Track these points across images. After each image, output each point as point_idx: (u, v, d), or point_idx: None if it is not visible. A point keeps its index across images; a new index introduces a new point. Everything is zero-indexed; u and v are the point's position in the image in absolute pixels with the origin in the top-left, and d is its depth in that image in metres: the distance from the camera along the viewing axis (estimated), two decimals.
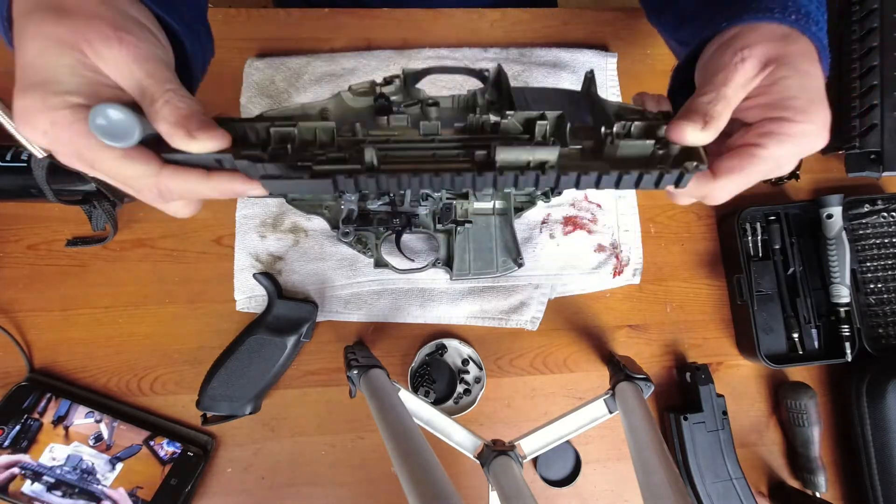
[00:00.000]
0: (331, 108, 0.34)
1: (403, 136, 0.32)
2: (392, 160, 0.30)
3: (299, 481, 0.52)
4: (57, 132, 0.26)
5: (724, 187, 0.32)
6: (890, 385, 0.51)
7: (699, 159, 0.30)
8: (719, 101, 0.30)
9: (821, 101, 0.32)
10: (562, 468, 0.54)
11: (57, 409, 0.48)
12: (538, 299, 0.54)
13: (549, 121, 0.31)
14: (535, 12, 0.60)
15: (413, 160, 0.30)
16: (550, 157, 0.29)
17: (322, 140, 0.30)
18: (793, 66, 0.31)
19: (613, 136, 0.30)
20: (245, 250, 0.53)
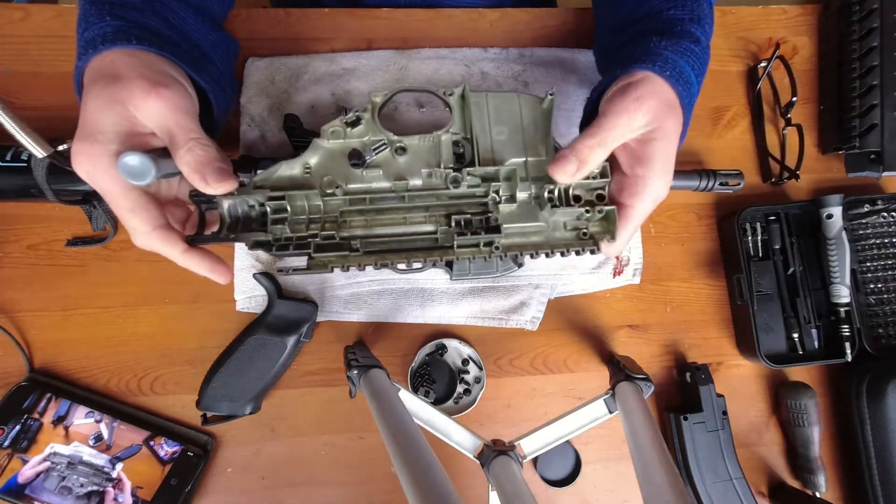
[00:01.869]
0: (312, 161, 0.39)
1: (378, 190, 0.39)
2: (374, 243, 0.38)
3: (299, 481, 0.52)
4: (95, 173, 0.34)
5: (618, 246, 0.39)
6: (890, 385, 0.51)
7: (611, 231, 0.39)
8: (599, 145, 0.36)
9: (670, 167, 0.38)
10: (562, 468, 0.54)
11: (57, 409, 0.48)
12: (538, 299, 0.54)
13: (501, 179, 0.39)
14: (535, 12, 0.60)
15: (391, 240, 0.38)
16: (497, 239, 0.38)
17: (311, 206, 0.38)
18: (665, 131, 0.37)
19: (554, 202, 0.39)
20: (245, 250, 0.53)
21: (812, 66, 0.62)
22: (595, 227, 0.39)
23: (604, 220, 0.39)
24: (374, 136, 0.40)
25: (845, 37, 0.58)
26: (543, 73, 0.57)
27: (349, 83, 0.55)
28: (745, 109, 0.61)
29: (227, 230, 0.37)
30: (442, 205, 0.39)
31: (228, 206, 0.37)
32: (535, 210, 0.39)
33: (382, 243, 0.38)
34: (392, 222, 0.39)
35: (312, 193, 0.37)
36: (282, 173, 0.39)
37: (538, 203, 0.39)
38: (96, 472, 0.47)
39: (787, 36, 0.63)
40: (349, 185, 0.39)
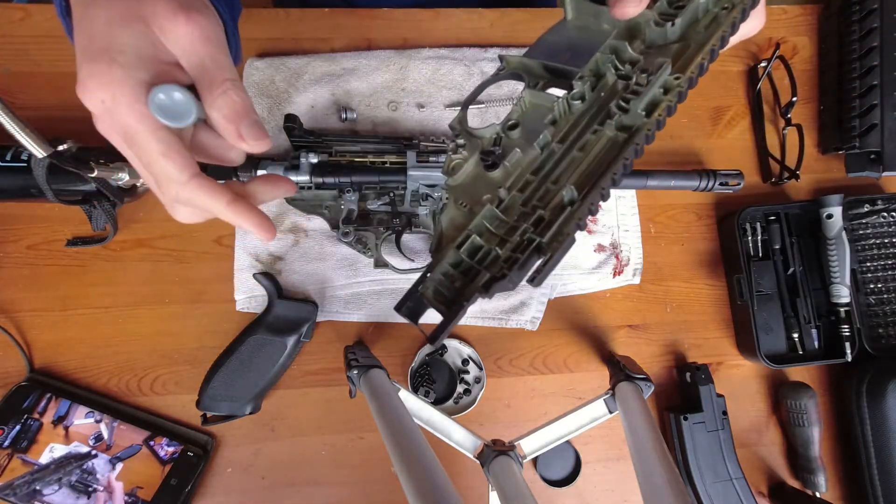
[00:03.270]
0: (459, 199, 0.32)
1: (529, 166, 0.30)
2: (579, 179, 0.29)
3: (299, 481, 0.52)
4: (115, 106, 0.27)
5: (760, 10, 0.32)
6: (890, 385, 0.51)
7: None
8: None
9: None
10: (562, 468, 0.54)
11: (57, 409, 0.48)
12: (538, 299, 0.54)
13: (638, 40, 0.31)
14: (534, 12, 0.60)
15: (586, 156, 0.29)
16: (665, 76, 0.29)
17: (495, 226, 0.30)
18: None
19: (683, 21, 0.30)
20: (245, 250, 0.53)
21: (812, 66, 0.62)
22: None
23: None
24: (483, 139, 0.32)
25: (845, 37, 0.58)
26: None
27: (349, 83, 0.55)
28: (745, 109, 0.61)
29: (441, 304, 0.30)
30: (597, 109, 0.30)
31: (433, 288, 0.31)
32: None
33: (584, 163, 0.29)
34: (572, 163, 0.29)
35: (491, 212, 0.29)
36: (447, 230, 0.31)
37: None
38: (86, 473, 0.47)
39: (787, 36, 0.63)
40: (508, 183, 0.30)
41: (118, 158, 0.46)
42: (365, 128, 0.56)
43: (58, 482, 0.47)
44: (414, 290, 0.30)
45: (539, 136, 0.30)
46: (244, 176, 0.48)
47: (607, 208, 0.56)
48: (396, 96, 0.56)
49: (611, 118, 0.29)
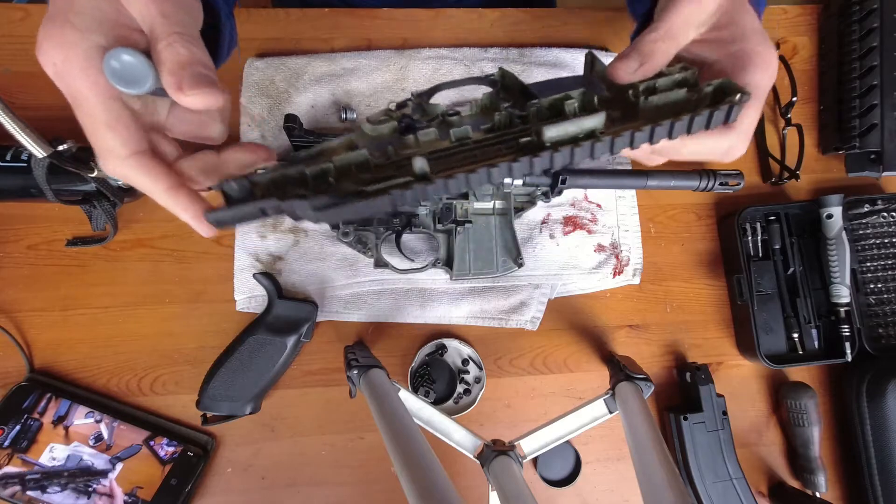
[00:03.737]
0: (358, 142, 0.32)
1: (436, 147, 0.30)
2: (440, 166, 0.29)
3: (299, 481, 0.52)
4: (67, 69, 0.26)
5: (744, 134, 0.32)
6: (890, 385, 0.51)
7: (740, 90, 0.28)
8: (662, 39, 0.30)
9: (767, 39, 0.32)
10: (562, 468, 0.54)
11: (57, 409, 0.48)
12: (538, 299, 0.54)
13: (575, 98, 0.30)
14: (534, 12, 0.60)
15: (460, 162, 0.29)
16: (597, 123, 0.28)
17: (358, 167, 0.29)
18: (742, 9, 0.32)
19: (642, 94, 0.30)
20: (245, 250, 0.53)
21: (812, 66, 0.62)
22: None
23: (716, 97, 0.29)
24: (423, 116, 0.33)
25: (845, 37, 0.58)
26: (543, 73, 0.57)
27: (349, 83, 0.55)
28: None
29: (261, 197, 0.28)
30: (514, 132, 0.31)
31: (263, 185, 0.29)
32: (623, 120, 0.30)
33: (450, 155, 0.29)
34: (456, 156, 0.30)
35: (361, 155, 0.29)
36: (323, 147, 0.32)
37: (623, 117, 0.30)
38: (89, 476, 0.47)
39: (787, 36, 0.63)
40: (402, 152, 0.31)
41: None
42: None
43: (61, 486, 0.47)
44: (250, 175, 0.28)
45: (461, 129, 0.30)
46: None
47: (607, 208, 0.56)
48: (396, 96, 0.56)
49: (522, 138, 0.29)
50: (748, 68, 0.31)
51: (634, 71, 0.30)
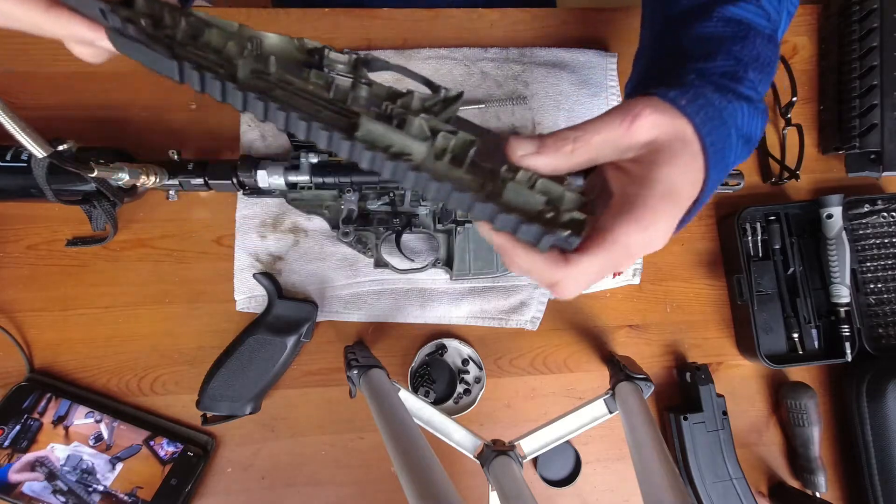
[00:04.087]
0: (266, 40, 0.31)
1: (313, 90, 0.29)
2: (265, 89, 0.27)
3: (299, 481, 0.52)
4: None
5: (573, 275, 0.27)
6: (890, 385, 0.51)
7: (576, 233, 0.26)
8: (573, 142, 0.27)
9: (677, 203, 0.28)
10: (562, 468, 0.54)
11: (57, 409, 0.48)
12: (538, 299, 0.54)
13: (455, 139, 0.28)
14: (534, 12, 0.60)
15: (286, 101, 0.28)
16: (417, 151, 0.26)
17: (229, 50, 0.29)
18: (673, 157, 0.28)
19: (508, 178, 0.27)
20: (245, 250, 0.53)
21: (812, 66, 0.62)
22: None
23: (567, 227, 0.27)
24: (348, 71, 0.31)
25: (845, 37, 0.58)
26: (543, 73, 0.57)
27: None
28: None
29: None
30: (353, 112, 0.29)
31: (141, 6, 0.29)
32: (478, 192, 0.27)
33: (275, 97, 0.28)
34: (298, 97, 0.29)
35: (234, 33, 0.29)
36: (229, 25, 0.30)
37: (482, 186, 0.27)
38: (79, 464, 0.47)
39: (786, 36, 0.62)
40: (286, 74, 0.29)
41: (118, 158, 0.46)
42: None
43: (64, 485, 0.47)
44: None
45: None
46: (244, 176, 0.48)
47: None
48: None
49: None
50: (621, 219, 0.27)
51: (524, 155, 0.28)
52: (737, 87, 0.31)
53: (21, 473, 0.46)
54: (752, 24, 0.34)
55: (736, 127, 0.30)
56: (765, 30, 0.34)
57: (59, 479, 0.47)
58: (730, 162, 0.30)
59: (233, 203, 0.54)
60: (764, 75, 0.33)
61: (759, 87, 0.32)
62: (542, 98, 0.57)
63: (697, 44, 0.34)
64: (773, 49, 0.34)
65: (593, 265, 0.27)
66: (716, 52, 0.32)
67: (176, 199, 0.53)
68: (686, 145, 0.28)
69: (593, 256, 0.27)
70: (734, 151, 0.30)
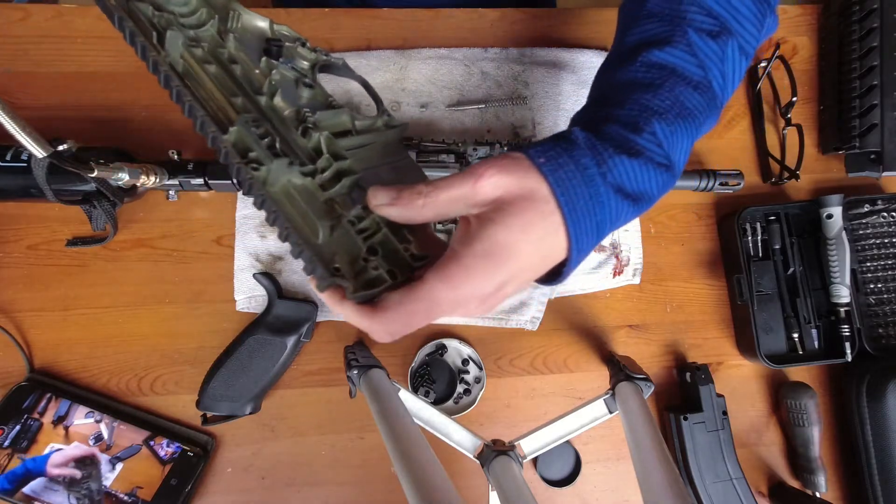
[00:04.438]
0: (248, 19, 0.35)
1: (252, 74, 0.33)
2: (193, 76, 0.31)
3: (299, 481, 0.52)
4: None
5: (380, 323, 0.28)
6: (890, 385, 0.51)
7: (368, 288, 0.28)
8: (424, 198, 0.28)
9: (498, 267, 0.27)
10: (562, 468, 0.54)
11: (57, 409, 0.48)
12: (538, 299, 0.54)
13: (336, 166, 0.31)
14: (535, 12, 0.60)
15: (196, 81, 0.31)
16: (272, 168, 0.29)
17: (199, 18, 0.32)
18: (512, 218, 0.27)
19: (347, 220, 0.30)
20: (245, 250, 0.53)
21: (812, 66, 0.62)
22: (354, 282, 0.29)
23: (372, 282, 0.29)
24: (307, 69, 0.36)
25: (845, 37, 0.58)
26: (543, 73, 0.57)
27: (349, 83, 0.55)
28: (745, 109, 0.61)
29: None
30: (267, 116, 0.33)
31: None
32: (322, 213, 0.30)
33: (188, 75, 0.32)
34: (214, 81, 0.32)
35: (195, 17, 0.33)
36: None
37: (328, 211, 0.31)
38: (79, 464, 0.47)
39: (787, 36, 0.63)
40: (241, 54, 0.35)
41: (118, 158, 0.46)
42: None
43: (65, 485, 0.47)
44: None
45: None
46: None
47: None
48: (397, 96, 0.56)
49: None
50: (435, 272, 0.27)
51: (379, 205, 0.29)
52: (632, 138, 0.29)
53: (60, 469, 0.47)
54: (676, 69, 0.32)
55: (613, 185, 0.29)
56: (693, 76, 0.32)
57: (59, 479, 0.47)
58: (604, 221, 0.29)
59: (233, 203, 0.54)
60: (683, 125, 0.31)
61: (669, 139, 0.30)
62: (542, 98, 0.57)
63: (613, 90, 0.33)
64: (701, 98, 0.32)
65: (399, 316, 0.27)
66: (625, 99, 0.31)
67: (176, 199, 0.53)
68: (534, 204, 0.27)
69: (399, 307, 0.27)
70: (609, 211, 0.29)
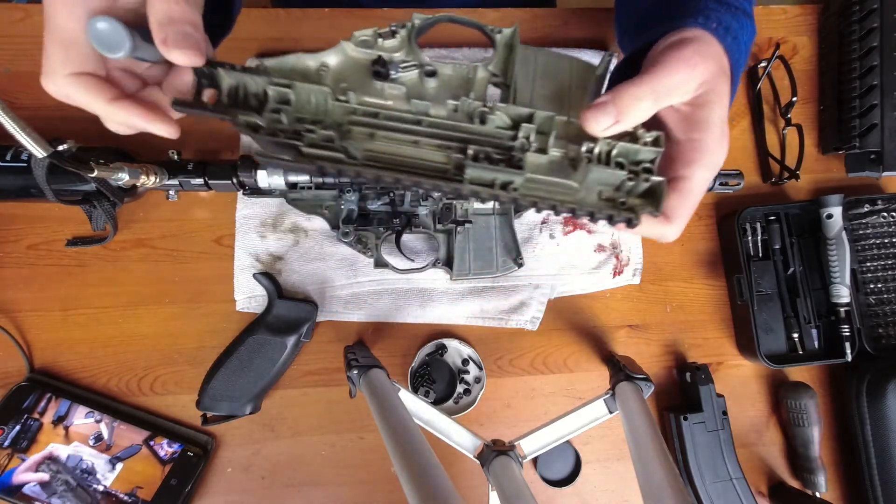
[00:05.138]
0: (331, 62, 0.35)
1: (394, 108, 0.33)
2: (375, 157, 0.32)
3: (299, 481, 0.52)
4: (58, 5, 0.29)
5: (677, 226, 0.33)
6: (890, 385, 0.51)
7: (655, 205, 0.31)
8: (647, 97, 0.30)
9: (727, 133, 0.34)
10: (562, 468, 0.54)
11: (57, 409, 0.48)
12: (538, 299, 0.54)
13: (535, 125, 0.32)
14: (535, 12, 0.60)
15: (394, 160, 0.32)
16: (516, 179, 0.31)
17: (317, 105, 0.32)
18: (720, 94, 0.32)
19: (591, 159, 0.31)
20: (245, 250, 0.53)
21: (812, 66, 0.62)
22: (635, 201, 0.32)
23: (647, 193, 0.32)
24: (406, 55, 0.35)
25: (845, 37, 0.58)
26: None
27: None
28: (745, 109, 0.61)
29: (218, 105, 0.32)
30: (461, 138, 0.33)
31: (229, 84, 0.32)
32: (568, 170, 0.32)
33: (384, 160, 0.32)
34: (400, 143, 0.33)
35: (323, 91, 0.32)
36: (296, 64, 0.34)
37: (572, 164, 0.33)
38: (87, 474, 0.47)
39: (787, 36, 0.63)
40: (364, 98, 0.33)
41: (118, 158, 0.46)
42: None
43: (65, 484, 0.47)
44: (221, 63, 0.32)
45: (423, 105, 0.33)
46: (244, 176, 0.48)
47: None
48: None
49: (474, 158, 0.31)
50: (696, 165, 0.32)
51: (608, 128, 0.30)
52: (741, 3, 0.35)
53: (27, 474, 0.46)
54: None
55: (745, 43, 0.35)
56: None
57: (59, 479, 0.47)
58: (738, 78, 0.36)
59: (233, 203, 0.54)
60: None
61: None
62: None
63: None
64: None
65: (685, 212, 0.33)
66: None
67: (176, 199, 0.53)
68: (725, 77, 0.33)
69: (682, 209, 0.33)
70: (742, 67, 0.36)
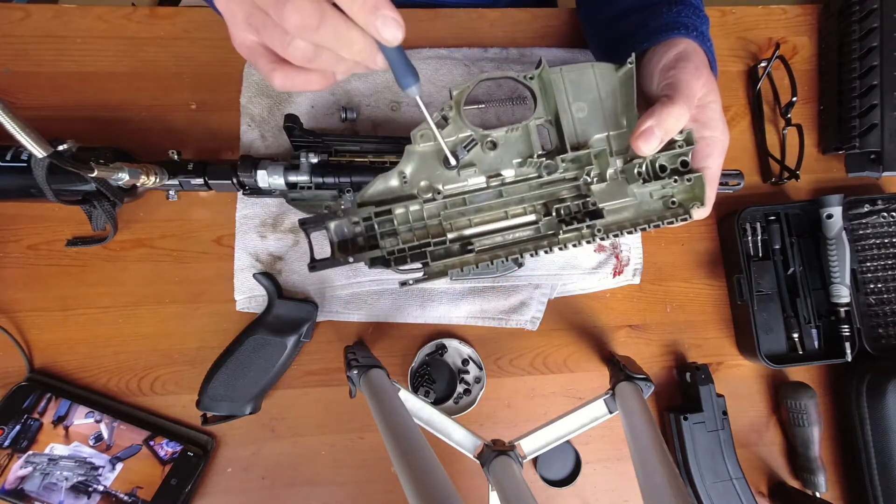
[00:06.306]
0: (407, 169, 0.40)
1: (474, 189, 0.40)
2: (482, 242, 0.39)
3: (299, 481, 0.52)
4: None
5: (708, 207, 0.40)
6: (890, 385, 0.51)
7: (700, 198, 0.39)
8: (684, 115, 0.36)
9: (725, 121, 0.41)
10: (562, 468, 0.54)
11: (57, 409, 0.48)
12: (538, 299, 0.54)
13: (593, 164, 0.39)
14: (535, 12, 0.60)
15: (494, 236, 0.40)
16: (598, 223, 0.40)
17: (414, 214, 0.39)
18: (715, 91, 0.40)
19: (641, 173, 0.40)
20: (245, 250, 0.53)
21: (812, 66, 0.62)
22: (681, 195, 0.40)
23: (689, 187, 0.40)
24: (462, 133, 0.39)
25: (845, 37, 0.58)
26: None
27: (349, 83, 0.55)
28: (745, 109, 0.61)
29: (340, 252, 0.38)
30: (537, 193, 0.40)
31: (335, 227, 0.38)
32: (624, 185, 0.40)
33: (489, 239, 0.40)
34: (493, 218, 0.40)
35: (413, 202, 0.38)
36: (379, 187, 0.39)
37: (625, 178, 0.40)
38: (79, 464, 0.47)
39: (787, 36, 0.63)
40: (446, 187, 0.40)
41: (118, 158, 0.46)
42: (365, 128, 0.56)
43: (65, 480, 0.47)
44: (323, 216, 0.38)
45: (497, 177, 0.40)
46: (244, 176, 0.48)
47: None
48: (397, 96, 0.56)
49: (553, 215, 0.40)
50: (712, 156, 0.39)
51: (657, 147, 0.36)
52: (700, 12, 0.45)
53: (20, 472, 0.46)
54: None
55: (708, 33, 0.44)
56: None
57: (58, 479, 0.47)
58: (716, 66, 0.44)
59: (233, 203, 0.54)
60: None
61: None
62: None
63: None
64: None
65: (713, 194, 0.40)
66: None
67: (176, 199, 0.53)
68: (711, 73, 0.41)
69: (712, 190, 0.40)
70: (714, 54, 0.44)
